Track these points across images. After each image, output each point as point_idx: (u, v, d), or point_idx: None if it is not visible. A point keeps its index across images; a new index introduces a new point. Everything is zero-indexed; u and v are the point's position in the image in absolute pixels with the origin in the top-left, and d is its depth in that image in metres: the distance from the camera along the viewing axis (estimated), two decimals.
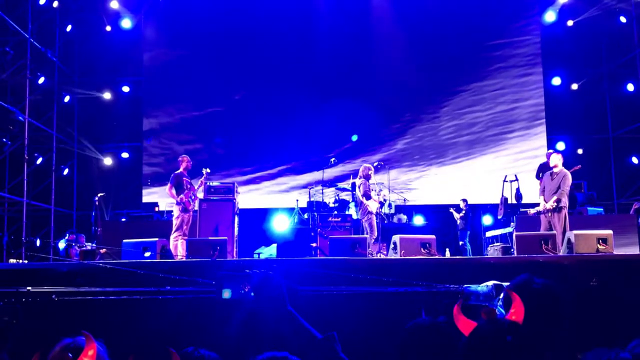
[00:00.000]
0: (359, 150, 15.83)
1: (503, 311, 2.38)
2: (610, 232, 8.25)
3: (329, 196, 13.45)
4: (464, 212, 14.43)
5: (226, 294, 1.94)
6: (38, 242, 14.10)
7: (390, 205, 13.49)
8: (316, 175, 14.03)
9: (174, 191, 10.81)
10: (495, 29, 16.28)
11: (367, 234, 10.48)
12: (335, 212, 12.27)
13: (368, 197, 10.84)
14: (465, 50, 16.23)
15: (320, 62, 16.01)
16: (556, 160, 9.95)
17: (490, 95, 16.24)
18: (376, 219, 11.15)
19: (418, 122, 16.19)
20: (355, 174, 12.06)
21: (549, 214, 9.66)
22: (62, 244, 13.39)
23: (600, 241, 8.06)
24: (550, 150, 14.29)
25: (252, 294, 1.95)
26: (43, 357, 2.20)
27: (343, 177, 14.48)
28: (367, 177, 11.11)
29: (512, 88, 16.25)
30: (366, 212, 10.84)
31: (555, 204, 9.54)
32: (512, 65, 16.29)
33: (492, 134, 16.12)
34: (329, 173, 14.32)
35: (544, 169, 11.16)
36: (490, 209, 14.09)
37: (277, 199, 15.77)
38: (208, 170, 11.44)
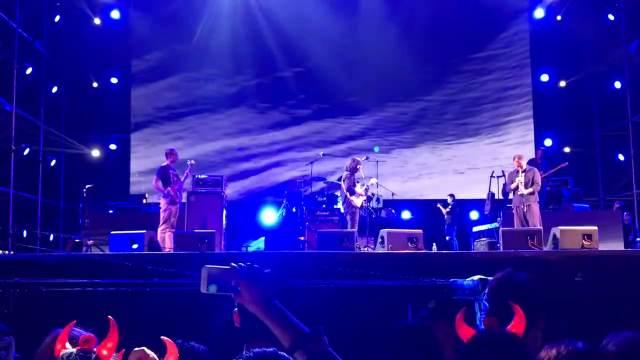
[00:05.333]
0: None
1: (487, 304, 2.45)
2: (595, 228, 8.35)
3: (317, 190, 13.45)
4: (450, 207, 14.49)
5: (212, 288, 1.93)
6: (25, 234, 14.02)
7: (378, 200, 13.52)
8: (306, 170, 14.03)
9: (160, 184, 10.77)
10: (484, 28, 16.31)
11: (349, 227, 10.49)
12: (324, 206, 12.28)
13: (352, 192, 10.76)
14: (455, 50, 16.29)
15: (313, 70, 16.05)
16: (523, 162, 10.74)
17: (478, 91, 16.30)
18: (363, 213, 11.15)
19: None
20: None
21: (524, 208, 10.21)
22: None
23: (586, 237, 8.15)
24: (542, 149, 14.42)
25: (239, 288, 1.95)
26: None
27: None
28: (353, 171, 10.97)
29: (500, 83, 16.30)
30: (350, 205, 10.76)
31: (532, 188, 10.29)
32: (501, 61, 16.35)
33: (479, 130, 16.19)
34: (322, 168, 14.28)
35: (532, 166, 11.29)
36: (477, 204, 14.17)
37: (266, 192, 15.77)
38: (193, 162, 11.39)
